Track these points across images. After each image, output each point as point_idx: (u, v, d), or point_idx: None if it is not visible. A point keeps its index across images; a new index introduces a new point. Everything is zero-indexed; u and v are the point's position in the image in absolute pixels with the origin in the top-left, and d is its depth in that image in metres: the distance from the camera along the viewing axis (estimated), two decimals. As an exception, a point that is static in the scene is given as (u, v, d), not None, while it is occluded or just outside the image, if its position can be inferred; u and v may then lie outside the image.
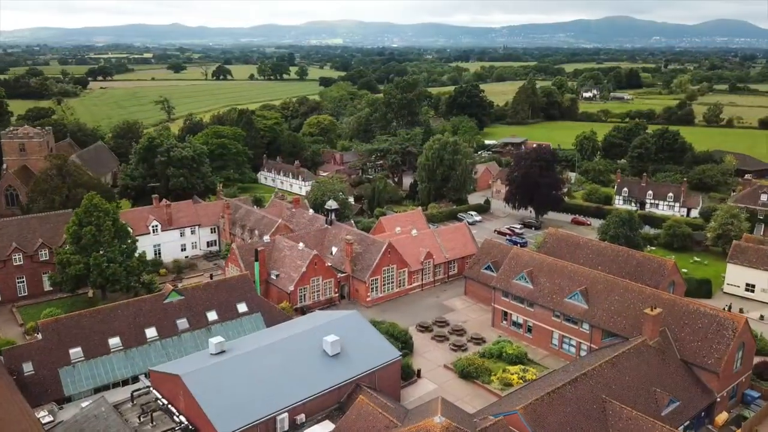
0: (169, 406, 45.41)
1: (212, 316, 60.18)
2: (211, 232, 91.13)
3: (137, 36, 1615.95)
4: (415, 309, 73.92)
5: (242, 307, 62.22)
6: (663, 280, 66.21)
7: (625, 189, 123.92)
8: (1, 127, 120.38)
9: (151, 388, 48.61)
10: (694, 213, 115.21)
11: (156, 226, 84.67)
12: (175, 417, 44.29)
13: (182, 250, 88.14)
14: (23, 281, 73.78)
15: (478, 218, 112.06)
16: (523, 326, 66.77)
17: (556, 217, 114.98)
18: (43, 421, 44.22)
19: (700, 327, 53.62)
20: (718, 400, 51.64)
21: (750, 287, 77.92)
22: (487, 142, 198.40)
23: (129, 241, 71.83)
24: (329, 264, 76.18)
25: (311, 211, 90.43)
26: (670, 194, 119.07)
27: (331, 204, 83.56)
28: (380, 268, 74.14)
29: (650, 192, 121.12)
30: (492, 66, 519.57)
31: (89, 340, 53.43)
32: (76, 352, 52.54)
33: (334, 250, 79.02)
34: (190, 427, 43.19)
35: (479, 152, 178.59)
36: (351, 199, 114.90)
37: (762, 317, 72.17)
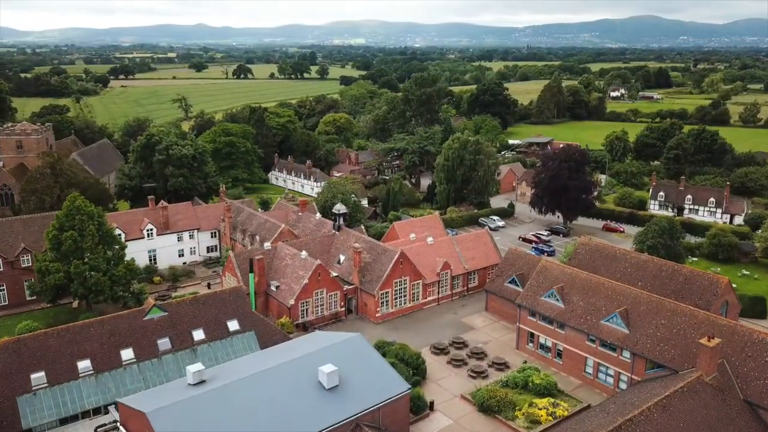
0: (136, 448, 38.38)
1: (199, 335, 53.01)
2: (212, 237, 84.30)
3: (163, 36, 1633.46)
4: (429, 327, 65.94)
5: (233, 325, 54.96)
6: (715, 301, 57.25)
7: (662, 193, 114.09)
8: (3, 123, 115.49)
9: (119, 424, 41.69)
10: (738, 220, 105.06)
11: (151, 229, 78.11)
12: (139, 463, 37.22)
13: (179, 255, 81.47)
14: (3, 289, 67.68)
15: (501, 223, 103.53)
16: (552, 350, 58.39)
17: (586, 223, 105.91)
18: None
19: (767, 361, 44.88)
20: (792, 452, 42.87)
21: (811, 307, 68.37)
22: (510, 141, 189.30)
23: (116, 247, 65.23)
24: (335, 275, 68.69)
25: (318, 215, 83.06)
26: (712, 199, 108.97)
27: (339, 208, 76.01)
28: (391, 280, 66.35)
29: (689, 196, 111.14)
30: (515, 65, 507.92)
31: (55, 364, 46.60)
32: (38, 377, 45.71)
33: (342, 258, 71.47)
34: (155, 477, 36.05)
35: (502, 152, 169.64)
36: (364, 202, 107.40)
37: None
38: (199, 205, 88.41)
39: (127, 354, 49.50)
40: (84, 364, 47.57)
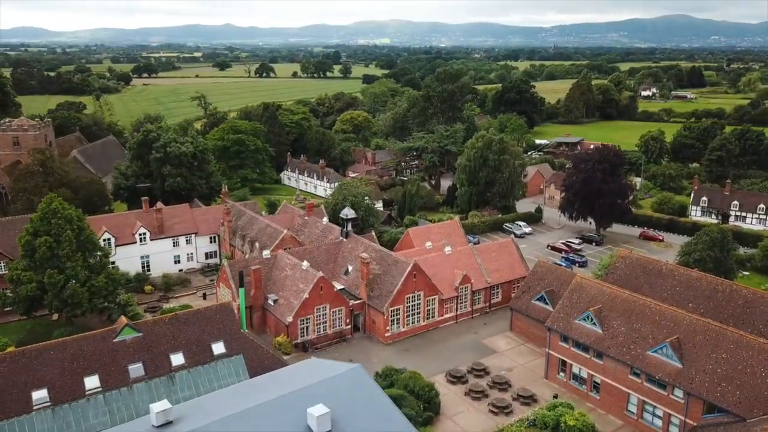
0: None
1: (178, 359, 45.71)
2: (211, 242, 77.38)
3: (190, 36, 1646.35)
4: (446, 349, 57.90)
5: (219, 348, 47.52)
6: (786, 329, 48.15)
7: (705, 198, 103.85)
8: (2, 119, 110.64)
9: (68, 473, 34.70)
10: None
11: (144, 234, 71.46)
12: None
13: (176, 262, 74.71)
14: (-22, 299, 61.68)
15: (527, 230, 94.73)
16: (588, 383, 49.89)
17: (620, 230, 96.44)
18: None
19: None
20: None
21: None
22: (537, 141, 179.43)
23: (98, 254, 58.61)
24: (341, 287, 61.22)
25: (326, 219, 75.53)
26: (762, 205, 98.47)
27: (347, 213, 68.36)
28: (403, 296, 58.50)
29: (736, 202, 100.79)
30: (542, 65, 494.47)
31: (4, 395, 39.89)
32: (-17, 410, 39.16)
33: (350, 269, 63.89)
34: None
35: (529, 153, 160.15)
36: (379, 205, 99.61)
37: None
38: (198, 207, 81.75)
39: (91, 382, 42.32)
40: (40, 395, 40.53)
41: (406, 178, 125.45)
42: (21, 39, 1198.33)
